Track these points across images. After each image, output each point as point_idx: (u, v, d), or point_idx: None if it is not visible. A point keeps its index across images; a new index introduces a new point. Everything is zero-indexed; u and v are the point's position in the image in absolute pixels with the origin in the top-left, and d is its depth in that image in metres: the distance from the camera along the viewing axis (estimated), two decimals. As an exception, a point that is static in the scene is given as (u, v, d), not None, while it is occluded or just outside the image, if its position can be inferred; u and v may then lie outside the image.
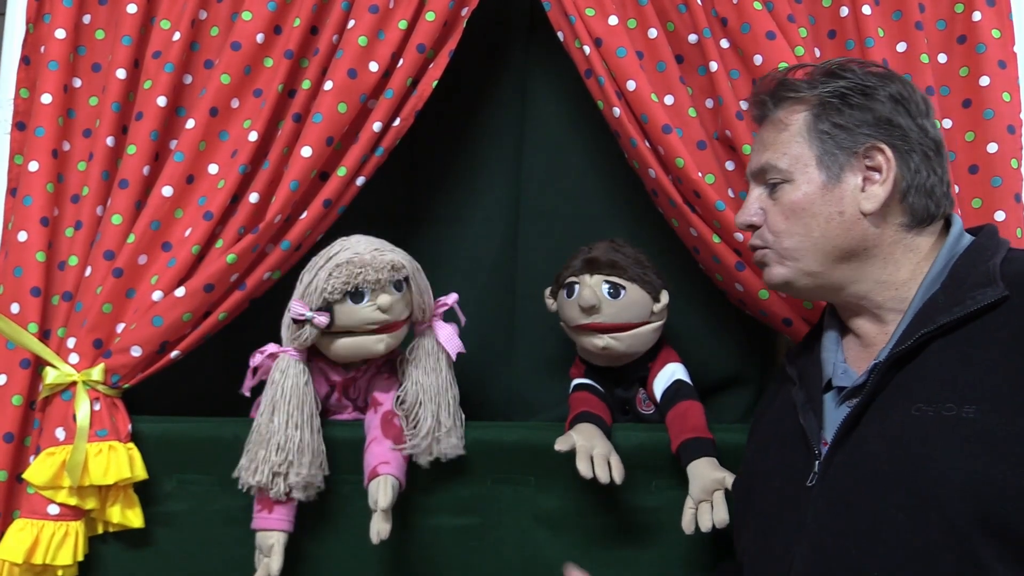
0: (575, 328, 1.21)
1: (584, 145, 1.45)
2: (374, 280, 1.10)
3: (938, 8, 1.23)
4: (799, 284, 0.92)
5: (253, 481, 1.09)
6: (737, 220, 0.97)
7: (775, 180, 0.92)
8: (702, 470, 1.06)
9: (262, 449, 1.09)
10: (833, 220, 0.88)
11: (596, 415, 1.17)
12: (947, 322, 0.79)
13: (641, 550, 1.17)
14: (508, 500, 1.19)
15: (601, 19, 1.22)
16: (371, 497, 1.07)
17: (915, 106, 0.89)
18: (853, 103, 0.88)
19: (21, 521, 1.13)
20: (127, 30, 1.23)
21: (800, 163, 0.90)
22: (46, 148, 1.21)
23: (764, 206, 0.94)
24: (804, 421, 0.90)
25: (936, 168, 0.89)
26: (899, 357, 0.81)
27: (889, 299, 0.88)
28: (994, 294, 0.78)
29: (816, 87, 0.91)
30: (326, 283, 1.10)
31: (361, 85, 1.20)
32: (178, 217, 1.21)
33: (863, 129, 0.88)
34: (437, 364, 1.18)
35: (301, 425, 1.11)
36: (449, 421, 1.16)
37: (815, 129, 0.90)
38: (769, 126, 0.95)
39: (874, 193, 0.87)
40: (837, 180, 0.88)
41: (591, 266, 1.20)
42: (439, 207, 1.48)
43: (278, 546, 1.10)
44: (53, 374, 1.15)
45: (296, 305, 1.11)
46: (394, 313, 1.13)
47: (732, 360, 1.40)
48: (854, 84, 0.89)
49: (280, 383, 1.12)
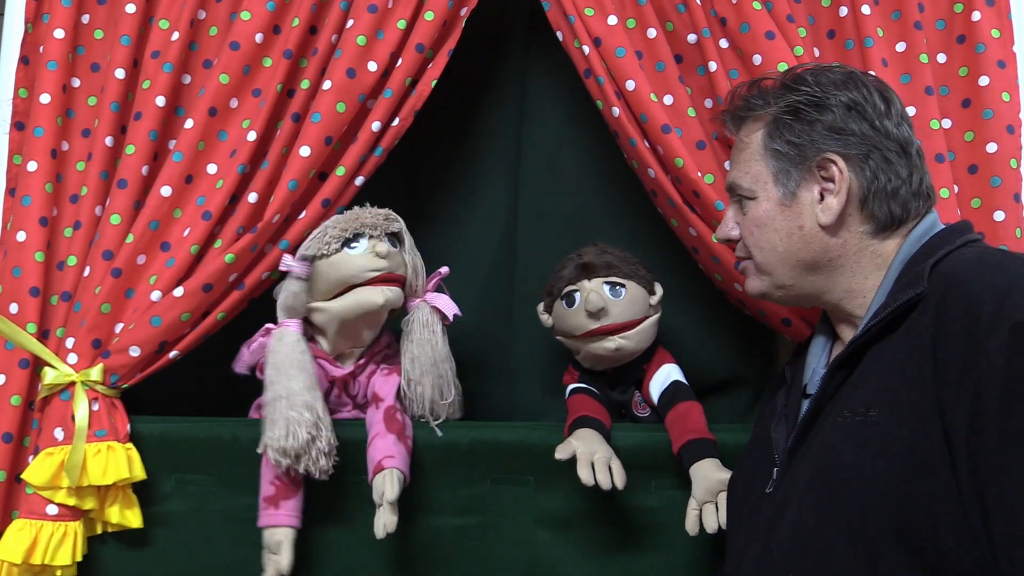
0: (582, 337, 1.20)
1: (583, 145, 1.45)
2: (371, 224, 1.14)
3: (937, 8, 1.23)
4: (775, 295, 0.95)
5: (295, 444, 1.05)
6: (716, 235, 1.01)
7: (741, 197, 0.95)
8: (706, 471, 1.06)
9: (292, 411, 1.07)
10: (794, 235, 0.90)
11: (595, 419, 1.16)
12: (873, 326, 0.80)
13: (641, 550, 1.17)
14: (508, 500, 1.19)
15: (600, 19, 1.22)
16: (376, 491, 1.06)
17: (872, 108, 0.88)
18: (805, 118, 0.89)
19: (20, 521, 1.13)
20: (126, 30, 1.23)
21: (760, 181, 0.92)
22: (45, 148, 1.21)
23: (738, 220, 0.97)
24: (774, 430, 0.93)
25: (900, 170, 0.87)
26: (839, 364, 0.83)
27: (858, 306, 0.89)
28: (911, 292, 0.78)
29: (771, 103, 0.92)
30: (323, 232, 1.14)
31: (360, 85, 1.20)
32: (177, 217, 1.21)
33: (815, 143, 0.88)
34: (432, 334, 1.19)
35: (311, 388, 1.11)
36: (448, 390, 1.18)
37: (769, 148, 0.91)
38: (736, 144, 0.99)
39: (829, 205, 0.88)
40: (793, 196, 0.90)
41: (587, 271, 1.20)
42: (438, 207, 1.48)
43: (287, 542, 1.09)
44: (52, 374, 1.15)
45: (286, 257, 1.14)
46: (391, 263, 1.15)
47: (731, 360, 1.40)
48: (806, 97, 0.89)
49: (278, 350, 1.12)
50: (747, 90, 0.98)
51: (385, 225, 1.16)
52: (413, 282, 1.21)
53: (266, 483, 1.12)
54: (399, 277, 1.18)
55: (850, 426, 0.77)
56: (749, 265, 0.96)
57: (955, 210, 1.14)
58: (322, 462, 1.09)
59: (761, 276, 0.95)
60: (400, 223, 1.20)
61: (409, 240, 1.22)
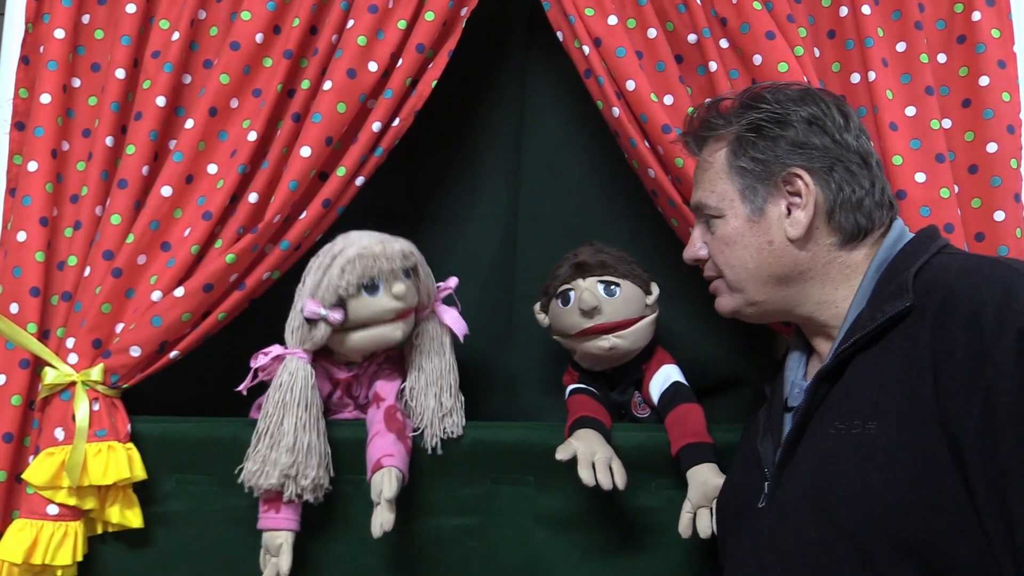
0: (576, 336, 1.20)
1: (583, 145, 1.45)
2: (388, 270, 1.12)
3: (938, 8, 1.23)
4: (746, 312, 0.96)
5: (265, 484, 1.09)
6: (685, 256, 1.01)
7: (709, 216, 0.95)
8: (703, 476, 1.06)
9: (272, 452, 1.09)
10: (764, 250, 0.90)
11: (595, 419, 1.16)
12: (860, 337, 0.80)
13: (641, 550, 1.17)
14: (507, 500, 1.19)
15: (600, 19, 1.22)
16: (374, 489, 1.06)
17: (832, 122, 0.89)
18: (767, 135, 0.90)
19: (20, 521, 1.13)
20: (126, 30, 1.23)
21: (727, 199, 0.93)
22: (45, 148, 1.21)
23: (706, 240, 0.97)
24: (760, 444, 0.93)
25: (863, 181, 0.89)
26: (824, 376, 0.83)
27: (831, 317, 0.90)
28: (900, 304, 0.78)
29: (731, 123, 0.93)
30: (340, 279, 1.10)
31: (360, 85, 1.20)
32: (177, 217, 1.21)
33: (780, 158, 0.89)
34: (441, 347, 1.20)
35: (309, 428, 1.11)
36: (450, 402, 1.17)
37: (734, 166, 0.92)
38: (699, 164, 0.99)
39: (797, 219, 0.89)
40: (761, 212, 0.90)
41: (581, 270, 1.20)
42: (438, 207, 1.48)
43: (286, 545, 1.09)
44: (52, 374, 1.15)
45: (310, 304, 1.11)
46: (408, 300, 1.14)
47: (731, 361, 1.40)
48: (766, 115, 0.90)
49: (288, 385, 1.11)
50: (706, 111, 0.99)
51: (401, 265, 1.14)
52: (424, 301, 1.21)
53: (266, 486, 1.12)
54: (413, 310, 1.18)
55: (845, 438, 0.77)
56: (720, 284, 0.97)
57: (955, 210, 1.14)
58: (306, 496, 1.10)
59: (733, 294, 0.95)
60: (415, 257, 1.17)
61: (424, 269, 1.19)
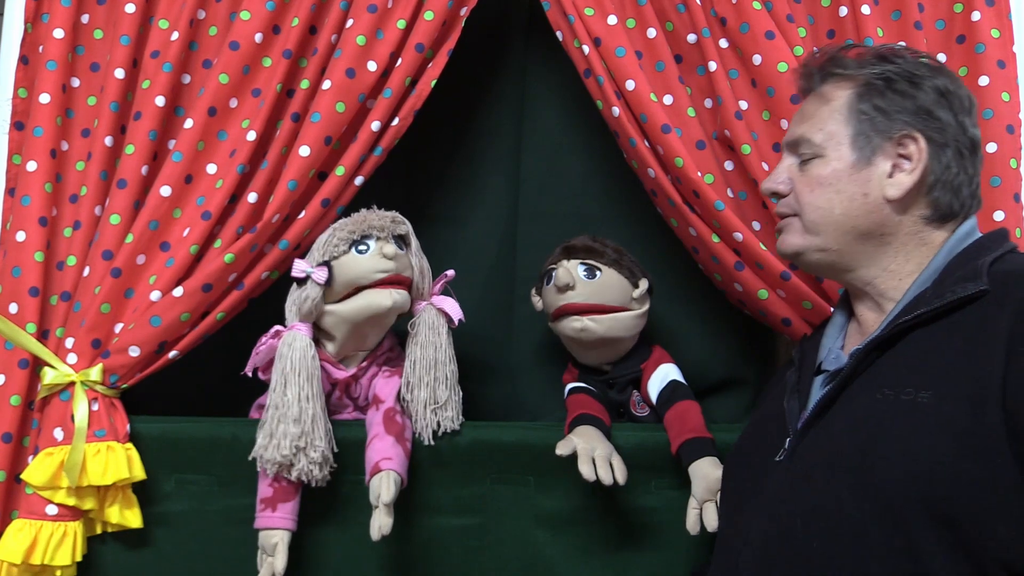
0: (555, 317, 1.22)
1: (583, 145, 1.45)
2: (378, 226, 1.14)
3: (937, 8, 1.23)
4: (811, 258, 0.93)
5: (278, 456, 1.08)
6: (763, 187, 0.99)
7: (807, 154, 0.93)
8: (705, 470, 1.06)
9: (280, 424, 1.09)
10: (856, 200, 0.89)
11: (595, 417, 1.17)
12: (924, 312, 0.80)
13: (641, 550, 1.17)
14: (507, 500, 1.19)
15: (600, 19, 1.22)
16: (373, 492, 1.06)
17: (959, 102, 0.89)
18: (897, 89, 0.88)
19: (19, 521, 1.13)
20: (125, 30, 1.23)
21: (834, 140, 0.90)
22: (44, 148, 1.21)
23: (792, 176, 0.95)
24: (787, 403, 0.92)
25: (967, 167, 0.89)
26: (877, 344, 0.83)
27: (891, 288, 0.89)
28: (973, 287, 0.78)
29: (864, 68, 0.91)
30: (331, 235, 1.14)
31: (360, 85, 1.20)
32: (176, 217, 1.21)
33: (902, 116, 0.88)
34: (437, 337, 1.19)
35: (312, 398, 1.11)
36: (446, 395, 1.17)
37: (855, 108, 0.90)
38: (812, 99, 0.96)
39: (900, 181, 0.87)
40: (867, 162, 0.89)
41: (568, 252, 1.23)
42: (438, 207, 1.48)
43: (282, 545, 1.09)
44: (51, 374, 1.15)
45: (298, 263, 1.14)
46: (399, 265, 1.15)
47: (731, 360, 1.40)
48: (902, 70, 0.89)
49: (288, 356, 1.12)
50: (838, 50, 0.96)
51: (392, 227, 1.17)
52: (420, 284, 1.21)
53: (264, 485, 1.13)
54: (406, 279, 1.18)
55: (893, 403, 0.77)
56: (794, 222, 0.94)
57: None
58: (315, 472, 1.10)
59: (806, 235, 0.93)
60: (407, 225, 1.20)
61: (415, 243, 1.22)
